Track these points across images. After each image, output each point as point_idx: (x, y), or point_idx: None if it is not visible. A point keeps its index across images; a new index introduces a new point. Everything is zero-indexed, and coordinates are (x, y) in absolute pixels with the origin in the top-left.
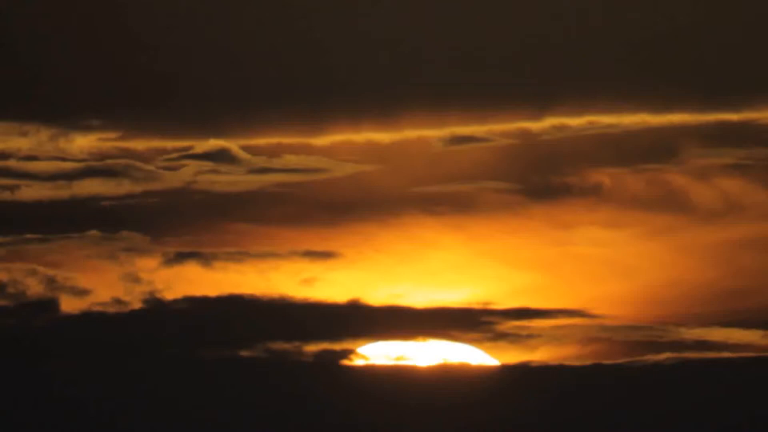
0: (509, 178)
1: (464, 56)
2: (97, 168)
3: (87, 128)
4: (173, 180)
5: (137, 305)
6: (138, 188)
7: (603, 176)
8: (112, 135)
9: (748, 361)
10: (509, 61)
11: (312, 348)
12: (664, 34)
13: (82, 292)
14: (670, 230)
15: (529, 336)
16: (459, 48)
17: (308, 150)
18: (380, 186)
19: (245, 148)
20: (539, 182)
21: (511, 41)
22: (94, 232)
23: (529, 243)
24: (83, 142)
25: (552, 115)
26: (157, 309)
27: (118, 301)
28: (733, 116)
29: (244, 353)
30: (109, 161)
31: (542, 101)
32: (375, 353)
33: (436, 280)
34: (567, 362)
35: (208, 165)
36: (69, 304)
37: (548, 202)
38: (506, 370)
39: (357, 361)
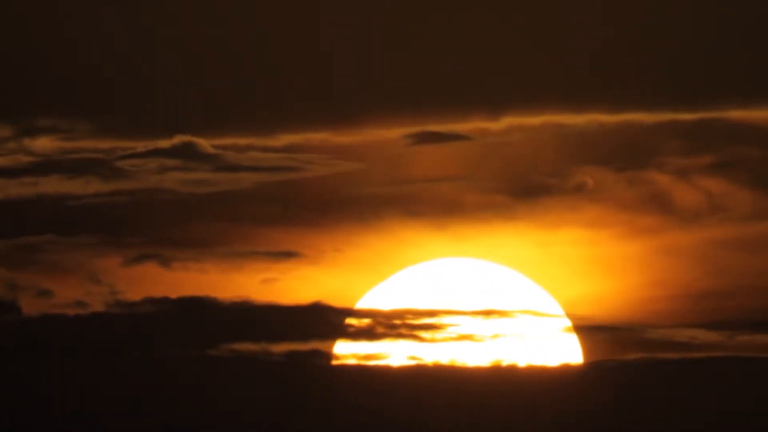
0: (492, 177)
1: (435, 52)
2: (62, 166)
3: (51, 128)
4: (139, 179)
5: (99, 307)
6: (105, 187)
7: (585, 176)
8: (79, 133)
9: (719, 360)
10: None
11: (281, 348)
12: (640, 31)
13: (43, 294)
14: (651, 231)
15: (503, 336)
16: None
17: (280, 149)
18: (357, 185)
19: (215, 147)
20: (521, 182)
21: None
22: (56, 232)
23: (513, 242)
24: (46, 142)
25: (544, 114)
26: (118, 310)
27: (79, 303)
28: (714, 115)
29: (210, 353)
30: (74, 158)
31: (532, 98)
32: (345, 353)
33: (416, 280)
34: (546, 363)
35: (175, 163)
36: (30, 306)
37: (531, 201)
38: (484, 372)
39: (333, 361)
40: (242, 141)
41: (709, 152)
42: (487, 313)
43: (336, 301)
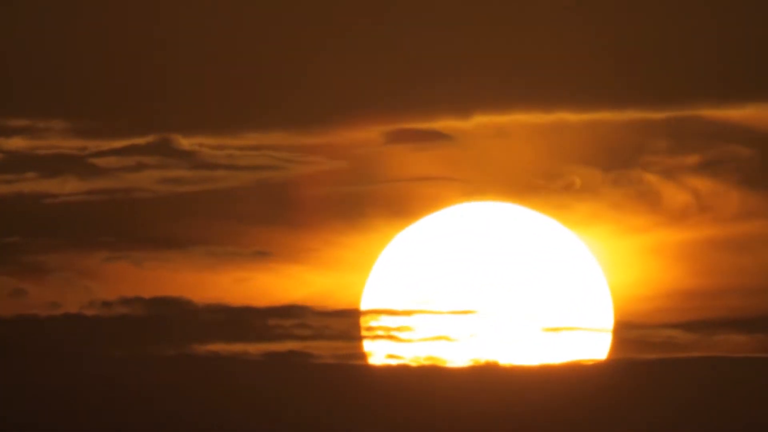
0: (476, 177)
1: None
2: (38, 165)
3: (26, 128)
4: (116, 178)
5: (73, 308)
6: (82, 186)
7: (573, 175)
8: (55, 132)
9: (697, 360)
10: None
11: (257, 349)
12: (615, 29)
13: (17, 294)
14: (639, 230)
15: (479, 336)
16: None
17: (257, 147)
18: (336, 184)
19: (192, 145)
20: (504, 181)
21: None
22: (31, 232)
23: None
24: (20, 141)
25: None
26: (93, 311)
27: (53, 304)
28: (702, 113)
29: (185, 353)
30: (50, 157)
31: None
32: (325, 354)
33: (399, 280)
34: (526, 363)
35: (153, 161)
36: (3, 307)
37: (516, 201)
38: (464, 372)
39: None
40: (219, 139)
41: (697, 152)
42: (467, 312)
43: (314, 301)
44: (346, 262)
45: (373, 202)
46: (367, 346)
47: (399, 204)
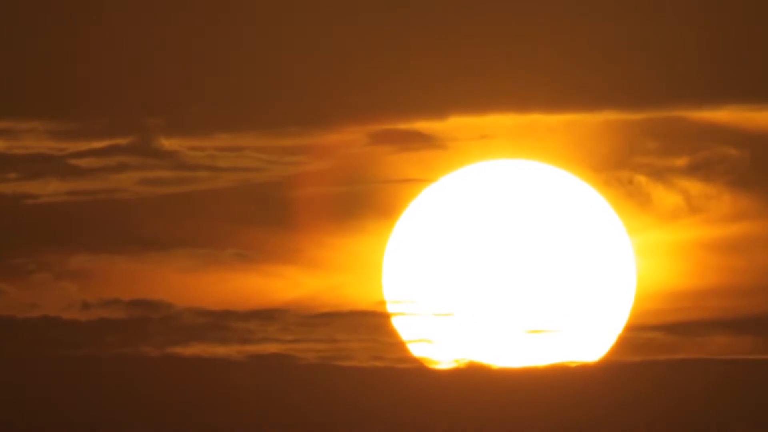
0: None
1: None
2: (19, 166)
3: (7, 129)
4: (98, 178)
5: (51, 310)
6: (63, 187)
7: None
8: (36, 133)
9: (686, 362)
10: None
11: (240, 351)
12: (599, 29)
13: None
14: (630, 232)
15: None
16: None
17: (241, 149)
18: (320, 185)
19: (175, 145)
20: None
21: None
22: (11, 233)
23: None
24: (0, 142)
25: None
26: (71, 313)
27: (31, 305)
28: (686, 114)
29: (166, 354)
30: (31, 158)
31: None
32: (308, 356)
33: (385, 280)
34: (509, 365)
35: (135, 161)
36: None
37: None
38: (445, 373)
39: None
40: (201, 140)
41: (687, 153)
42: (449, 314)
43: (298, 303)
44: (331, 264)
45: (359, 202)
46: (352, 347)
47: (385, 205)
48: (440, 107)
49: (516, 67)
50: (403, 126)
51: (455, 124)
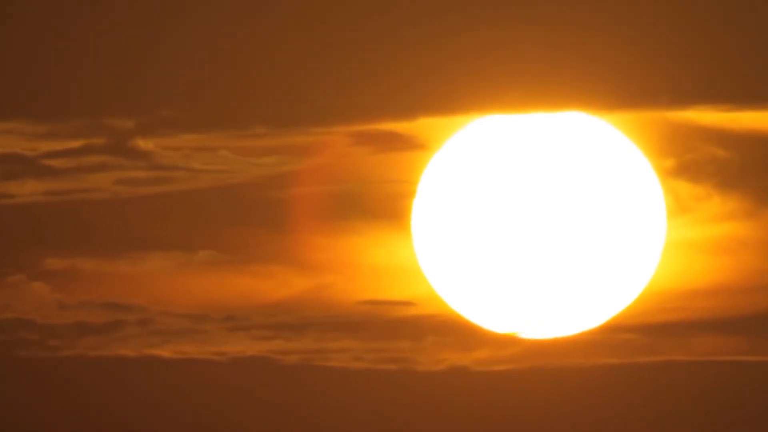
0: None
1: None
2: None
3: None
4: (74, 179)
5: (29, 313)
6: (40, 187)
7: None
8: (13, 133)
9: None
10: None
11: (221, 352)
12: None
13: None
14: None
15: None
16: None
17: (218, 149)
18: (304, 185)
19: (153, 145)
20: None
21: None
22: None
23: None
24: None
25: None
26: (46, 315)
27: (6, 306)
28: (679, 116)
29: (151, 355)
30: (7, 158)
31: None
32: (291, 358)
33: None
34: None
35: (114, 161)
36: None
37: None
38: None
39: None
40: (178, 140)
41: (674, 154)
42: (437, 315)
43: (280, 304)
44: (315, 265)
45: (343, 203)
46: (336, 347)
47: (369, 205)
48: (424, 107)
49: (490, 68)
50: (385, 126)
51: (423, 123)
